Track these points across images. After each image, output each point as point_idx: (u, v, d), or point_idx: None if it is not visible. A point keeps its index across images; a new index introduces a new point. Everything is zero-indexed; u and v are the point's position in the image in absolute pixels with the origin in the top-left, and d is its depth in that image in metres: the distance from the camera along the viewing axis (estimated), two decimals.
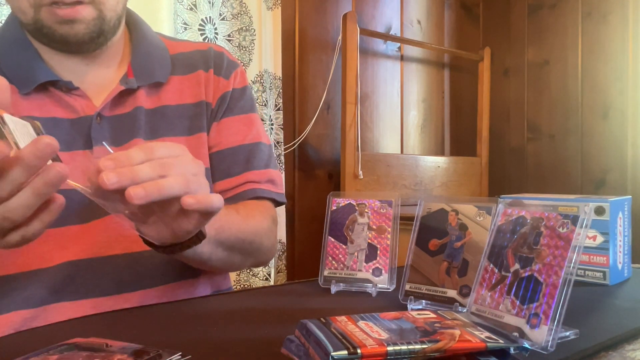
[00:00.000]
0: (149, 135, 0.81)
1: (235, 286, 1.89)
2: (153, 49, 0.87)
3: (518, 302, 0.49)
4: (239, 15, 1.95)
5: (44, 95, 0.77)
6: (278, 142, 2.05)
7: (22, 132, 0.53)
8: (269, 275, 2.00)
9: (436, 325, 0.44)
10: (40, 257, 0.74)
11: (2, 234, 0.54)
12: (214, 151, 0.88)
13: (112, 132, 0.79)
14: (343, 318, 0.45)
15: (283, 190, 0.94)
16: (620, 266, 0.79)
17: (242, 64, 1.92)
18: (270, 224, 0.88)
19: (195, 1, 1.81)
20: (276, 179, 0.92)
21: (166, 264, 0.79)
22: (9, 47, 0.79)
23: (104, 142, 0.72)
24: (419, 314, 0.48)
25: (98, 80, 0.81)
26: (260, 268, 1.96)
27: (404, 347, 0.39)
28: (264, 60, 1.99)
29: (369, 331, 0.42)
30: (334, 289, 0.73)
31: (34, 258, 0.74)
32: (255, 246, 0.82)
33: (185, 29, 1.79)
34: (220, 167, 0.89)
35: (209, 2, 1.85)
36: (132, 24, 0.88)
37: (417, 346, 0.40)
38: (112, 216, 0.59)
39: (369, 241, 0.74)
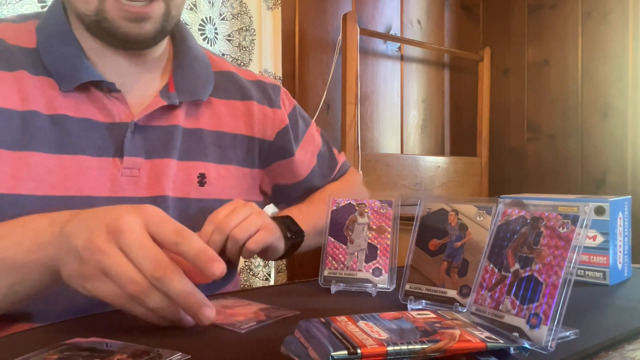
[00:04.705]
0: (182, 156, 0.80)
1: None
2: (197, 64, 0.84)
3: (518, 302, 0.49)
4: (239, 15, 1.94)
5: (82, 93, 0.74)
6: None
7: None
8: (269, 275, 2.00)
9: (436, 325, 0.44)
10: None
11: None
12: (293, 182, 0.97)
13: (145, 143, 0.77)
14: (343, 318, 0.45)
15: (342, 158, 1.10)
16: (620, 266, 0.79)
17: (242, 65, 1.92)
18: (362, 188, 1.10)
19: (195, 1, 1.81)
20: (338, 160, 1.07)
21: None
22: (52, 39, 0.75)
23: None
24: (419, 314, 0.48)
25: (139, 84, 0.79)
26: (260, 268, 1.96)
27: (404, 347, 0.39)
28: (264, 60, 1.99)
29: (369, 331, 0.42)
30: (334, 289, 0.73)
31: None
32: None
33: None
34: (305, 187, 1.00)
35: (209, 2, 1.85)
36: (178, 32, 0.85)
37: (417, 346, 0.40)
38: None
39: (369, 241, 0.74)
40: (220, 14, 1.90)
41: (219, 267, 0.53)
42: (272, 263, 1.99)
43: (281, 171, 0.95)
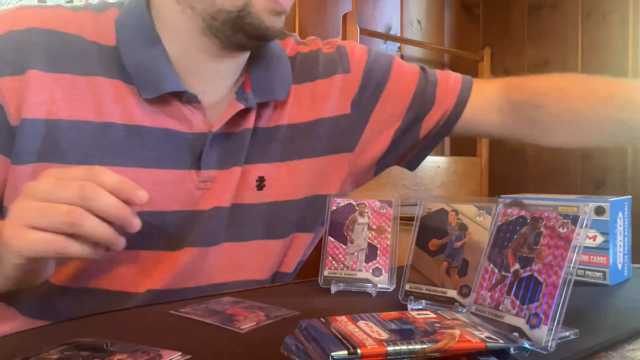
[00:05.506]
0: (245, 161, 0.75)
1: None
2: (275, 61, 0.78)
3: (518, 302, 0.49)
4: None
5: (160, 101, 0.69)
6: None
7: None
8: None
9: (436, 325, 0.44)
10: (126, 279, 0.70)
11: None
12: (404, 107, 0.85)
13: (220, 153, 0.73)
14: (343, 318, 0.45)
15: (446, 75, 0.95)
16: (620, 266, 0.79)
17: None
18: None
19: None
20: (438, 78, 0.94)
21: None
22: (134, 39, 0.69)
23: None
24: (419, 314, 0.48)
25: (217, 90, 0.74)
26: None
27: (404, 347, 0.39)
28: None
29: (369, 331, 0.42)
30: (334, 289, 0.73)
31: (119, 279, 0.70)
32: None
33: None
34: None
35: None
36: None
37: (417, 346, 0.40)
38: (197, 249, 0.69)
39: (369, 241, 0.74)
40: None
41: (145, 194, 0.53)
42: None
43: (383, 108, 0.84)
